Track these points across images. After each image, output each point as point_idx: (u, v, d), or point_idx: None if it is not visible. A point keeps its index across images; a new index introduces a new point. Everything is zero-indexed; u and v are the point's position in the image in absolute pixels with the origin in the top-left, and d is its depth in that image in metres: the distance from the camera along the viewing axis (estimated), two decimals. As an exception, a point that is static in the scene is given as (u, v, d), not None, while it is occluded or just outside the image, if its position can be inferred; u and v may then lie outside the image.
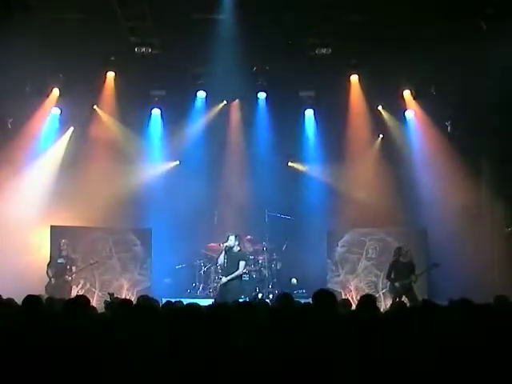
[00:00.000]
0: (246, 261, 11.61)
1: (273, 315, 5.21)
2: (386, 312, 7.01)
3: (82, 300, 5.41)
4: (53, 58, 12.43)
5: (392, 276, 11.85)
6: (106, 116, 14.11)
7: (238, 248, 11.39)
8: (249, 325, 4.99)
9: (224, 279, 11.21)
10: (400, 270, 11.80)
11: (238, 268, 11.19)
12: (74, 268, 12.52)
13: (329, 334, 4.12)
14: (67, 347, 4.24)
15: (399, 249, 12.08)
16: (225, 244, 11.33)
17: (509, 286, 11.77)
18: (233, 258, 11.24)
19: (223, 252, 11.32)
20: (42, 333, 4.62)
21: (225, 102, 14.56)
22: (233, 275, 11.14)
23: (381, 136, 14.48)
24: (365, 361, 3.87)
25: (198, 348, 4.13)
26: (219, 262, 11.64)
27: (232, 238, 11.29)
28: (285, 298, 6.30)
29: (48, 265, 12.52)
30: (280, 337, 4.39)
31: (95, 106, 14.03)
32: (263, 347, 4.24)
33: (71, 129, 14.16)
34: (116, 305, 6.25)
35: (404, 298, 11.36)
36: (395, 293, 11.70)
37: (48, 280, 12.28)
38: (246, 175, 14.48)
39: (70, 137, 14.14)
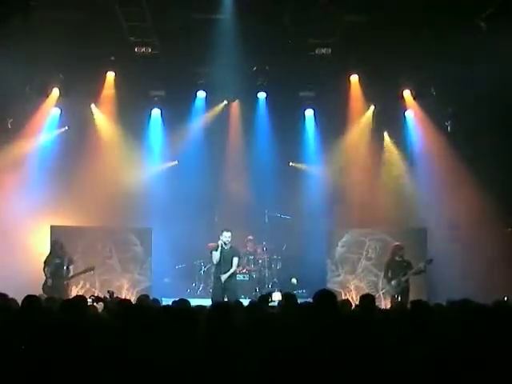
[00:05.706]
0: (239, 257, 11.61)
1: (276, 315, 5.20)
2: (386, 312, 7.00)
3: (80, 300, 5.42)
4: (53, 58, 12.44)
5: (389, 275, 11.84)
6: (106, 116, 14.13)
7: (230, 245, 11.41)
8: (250, 325, 4.99)
9: (223, 277, 11.20)
10: (395, 269, 11.78)
11: (231, 265, 11.24)
12: (71, 268, 12.24)
13: (329, 333, 4.11)
14: (66, 347, 4.24)
15: (395, 247, 12.04)
16: (220, 241, 11.31)
17: (509, 286, 11.77)
18: (227, 255, 11.28)
19: (219, 248, 11.30)
20: (41, 332, 4.62)
21: (225, 102, 14.58)
22: (229, 272, 11.21)
23: (380, 135, 14.48)
24: (364, 360, 3.87)
25: (197, 348, 4.13)
26: (215, 259, 11.51)
27: (228, 234, 11.31)
28: (288, 298, 6.31)
29: (45, 262, 12.09)
30: (281, 336, 4.39)
31: (95, 106, 14.05)
32: (264, 347, 4.24)
33: (71, 129, 14.15)
34: (113, 305, 6.25)
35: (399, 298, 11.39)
36: (392, 292, 11.71)
37: (44, 279, 11.89)
38: (245, 175, 14.50)
39: (70, 137, 14.13)
